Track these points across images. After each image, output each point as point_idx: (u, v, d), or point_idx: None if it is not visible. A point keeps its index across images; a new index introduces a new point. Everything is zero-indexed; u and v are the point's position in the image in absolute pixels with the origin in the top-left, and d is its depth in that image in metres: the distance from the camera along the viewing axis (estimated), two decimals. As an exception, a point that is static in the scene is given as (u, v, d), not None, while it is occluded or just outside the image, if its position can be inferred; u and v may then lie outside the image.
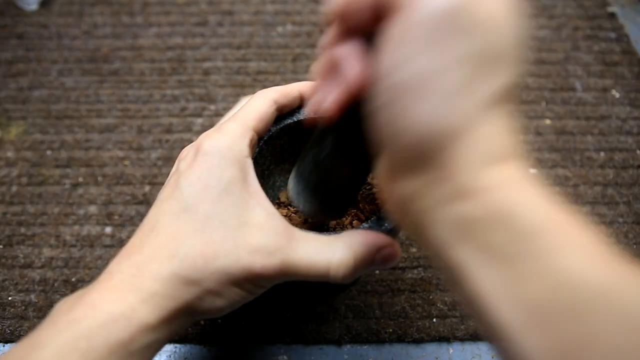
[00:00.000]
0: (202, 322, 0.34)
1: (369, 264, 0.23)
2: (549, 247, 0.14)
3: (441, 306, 0.35)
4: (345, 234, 0.23)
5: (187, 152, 0.24)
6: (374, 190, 0.31)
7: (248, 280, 0.22)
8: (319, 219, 0.28)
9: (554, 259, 0.14)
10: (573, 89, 0.48)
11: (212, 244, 0.21)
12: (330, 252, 0.22)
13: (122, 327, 0.19)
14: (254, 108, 0.25)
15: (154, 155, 0.43)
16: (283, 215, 0.30)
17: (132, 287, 0.20)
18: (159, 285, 0.21)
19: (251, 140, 0.24)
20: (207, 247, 0.21)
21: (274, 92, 0.26)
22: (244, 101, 0.26)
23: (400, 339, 0.34)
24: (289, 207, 0.32)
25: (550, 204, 0.15)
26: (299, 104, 0.28)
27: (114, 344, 0.19)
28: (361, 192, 0.31)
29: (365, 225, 0.24)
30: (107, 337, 0.19)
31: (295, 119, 0.28)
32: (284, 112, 0.27)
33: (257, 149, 0.27)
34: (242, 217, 0.22)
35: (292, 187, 0.27)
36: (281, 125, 0.28)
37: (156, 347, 0.21)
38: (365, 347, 0.34)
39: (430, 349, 0.34)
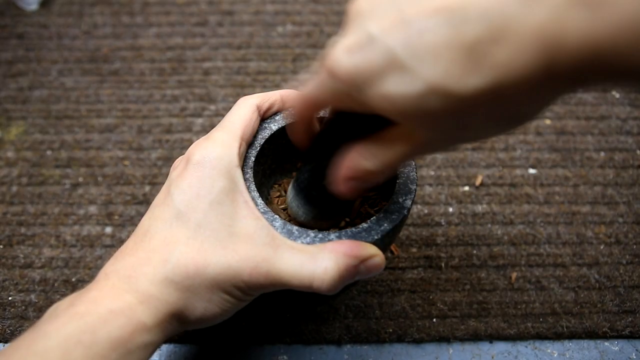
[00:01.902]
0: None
1: (353, 275, 0.23)
2: None
3: (441, 306, 0.35)
4: (331, 245, 0.23)
5: (179, 162, 0.25)
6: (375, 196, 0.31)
7: (237, 288, 0.22)
8: (311, 225, 0.29)
9: None
10: (573, 89, 0.48)
11: (203, 252, 0.22)
12: (314, 264, 0.22)
13: (123, 324, 0.20)
14: (240, 116, 0.26)
15: (154, 155, 0.43)
16: (282, 209, 0.31)
17: (129, 287, 0.21)
18: (153, 288, 0.21)
19: (240, 149, 0.25)
20: (198, 254, 0.22)
21: (255, 98, 0.27)
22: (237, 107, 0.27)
23: (400, 339, 0.34)
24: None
25: None
26: (281, 107, 0.28)
27: (115, 340, 0.20)
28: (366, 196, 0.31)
29: (354, 229, 0.24)
30: (110, 332, 0.20)
31: None
32: (266, 116, 0.28)
33: (258, 148, 0.27)
34: (232, 226, 0.23)
35: (290, 195, 0.28)
36: (283, 125, 0.28)
37: (151, 350, 0.22)
38: (365, 347, 0.34)
39: (430, 349, 0.34)
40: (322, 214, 0.27)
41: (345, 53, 0.18)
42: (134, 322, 0.21)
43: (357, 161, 0.22)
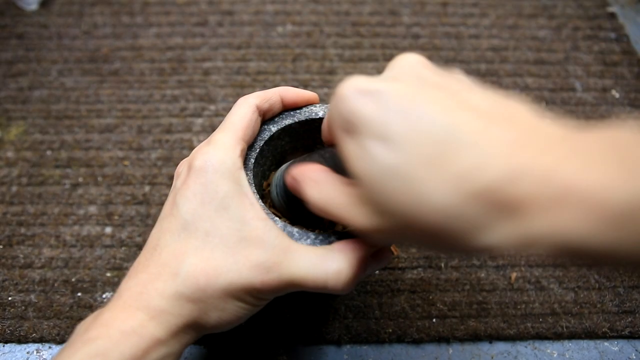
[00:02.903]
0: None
1: (364, 270, 0.23)
2: None
3: (441, 306, 0.35)
4: (338, 244, 0.23)
5: (182, 168, 0.25)
6: None
7: (250, 295, 0.22)
8: (282, 208, 0.29)
9: None
10: (573, 89, 0.48)
11: (213, 261, 0.22)
12: (326, 264, 0.22)
13: (135, 343, 0.20)
14: (240, 117, 0.25)
15: (154, 155, 0.43)
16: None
17: (140, 304, 0.21)
18: (164, 303, 0.21)
19: (242, 151, 0.25)
20: (208, 264, 0.22)
21: (255, 97, 0.26)
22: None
23: (400, 339, 0.34)
24: None
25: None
26: (280, 107, 0.28)
27: (129, 359, 0.20)
28: None
29: (354, 231, 0.24)
30: (122, 353, 0.20)
31: (296, 120, 0.28)
32: (267, 117, 0.28)
33: (257, 150, 0.27)
34: (240, 231, 0.22)
35: (274, 178, 0.29)
36: (282, 126, 0.28)
37: None
38: (365, 347, 0.34)
39: (430, 349, 0.34)
40: (290, 202, 0.27)
41: (356, 91, 0.19)
42: (147, 338, 0.20)
43: (304, 177, 0.23)
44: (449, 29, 0.53)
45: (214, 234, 0.22)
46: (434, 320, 0.35)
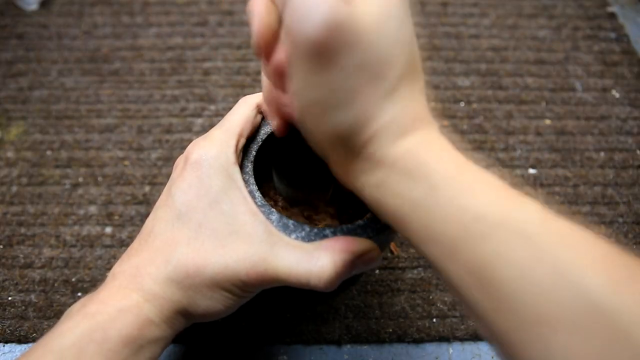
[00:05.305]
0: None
1: (349, 271, 0.23)
2: (456, 192, 0.17)
3: (441, 306, 0.35)
4: (326, 242, 0.23)
5: (179, 161, 0.26)
6: None
7: (236, 286, 0.23)
8: (295, 198, 0.31)
9: (461, 200, 0.17)
10: (573, 89, 0.48)
11: (203, 252, 0.23)
12: (311, 262, 0.22)
13: (131, 322, 0.21)
14: (239, 114, 0.26)
15: (154, 155, 0.43)
16: (275, 205, 0.31)
17: (135, 286, 0.22)
18: (157, 287, 0.22)
19: (237, 147, 0.25)
20: (198, 254, 0.23)
21: (256, 97, 0.27)
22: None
23: (400, 339, 0.34)
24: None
25: (456, 156, 0.19)
26: None
27: (126, 337, 0.21)
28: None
29: (350, 226, 0.25)
30: (120, 330, 0.21)
31: None
32: None
33: (260, 143, 0.28)
34: (231, 225, 0.23)
35: (274, 175, 0.31)
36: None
37: (162, 344, 0.23)
38: (365, 347, 0.34)
39: (430, 349, 0.34)
40: (293, 183, 0.29)
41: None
42: (142, 319, 0.21)
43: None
44: (449, 29, 0.53)
45: (205, 226, 0.23)
46: (435, 320, 0.35)
